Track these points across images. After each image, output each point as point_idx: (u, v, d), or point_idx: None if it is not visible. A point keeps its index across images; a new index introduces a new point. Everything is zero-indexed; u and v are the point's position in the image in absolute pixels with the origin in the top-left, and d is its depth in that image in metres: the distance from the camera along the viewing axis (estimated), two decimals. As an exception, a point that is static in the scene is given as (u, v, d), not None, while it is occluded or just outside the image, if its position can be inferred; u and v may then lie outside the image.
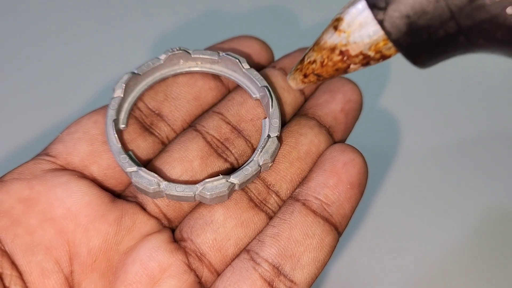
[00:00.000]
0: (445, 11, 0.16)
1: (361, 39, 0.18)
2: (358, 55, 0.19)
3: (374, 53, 0.19)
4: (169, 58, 0.27)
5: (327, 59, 0.20)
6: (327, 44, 0.20)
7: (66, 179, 0.23)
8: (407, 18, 0.17)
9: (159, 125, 0.26)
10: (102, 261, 0.23)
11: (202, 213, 0.24)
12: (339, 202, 0.24)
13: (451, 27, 0.16)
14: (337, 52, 0.19)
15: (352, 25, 0.18)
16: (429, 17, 0.16)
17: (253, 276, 0.22)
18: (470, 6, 0.16)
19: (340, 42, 0.19)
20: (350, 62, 0.19)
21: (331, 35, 0.19)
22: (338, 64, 0.20)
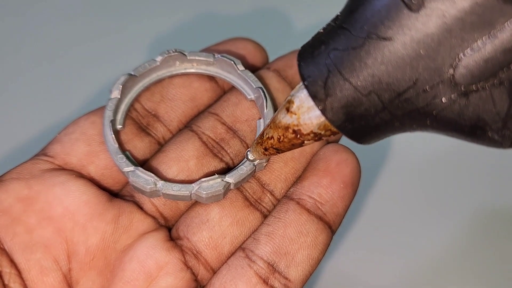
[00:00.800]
0: (377, 103, 0.18)
1: (310, 121, 0.20)
2: (310, 133, 0.21)
3: (323, 131, 0.20)
4: (165, 60, 0.27)
5: (282, 136, 0.22)
6: (281, 124, 0.21)
7: (64, 179, 0.24)
8: (345, 108, 0.18)
9: (156, 126, 0.27)
10: (99, 259, 0.23)
11: (198, 212, 0.24)
12: (332, 201, 0.24)
13: (385, 115, 0.18)
14: (290, 131, 0.21)
15: (301, 108, 0.20)
16: (364, 108, 0.18)
17: (248, 273, 0.23)
18: (398, 99, 0.18)
19: (292, 123, 0.21)
20: (304, 139, 0.21)
21: (284, 116, 0.21)
22: (293, 141, 0.21)
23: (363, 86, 0.18)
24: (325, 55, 0.19)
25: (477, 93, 0.17)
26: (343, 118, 0.19)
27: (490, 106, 0.17)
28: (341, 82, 0.18)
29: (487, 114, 0.17)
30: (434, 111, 0.18)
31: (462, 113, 0.17)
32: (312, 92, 0.19)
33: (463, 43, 0.16)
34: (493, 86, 0.17)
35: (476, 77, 0.17)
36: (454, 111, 0.17)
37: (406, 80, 0.17)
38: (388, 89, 0.18)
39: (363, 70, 0.18)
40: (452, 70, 0.17)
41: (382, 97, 0.18)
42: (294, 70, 0.28)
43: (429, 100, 0.17)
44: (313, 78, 0.19)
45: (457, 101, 0.17)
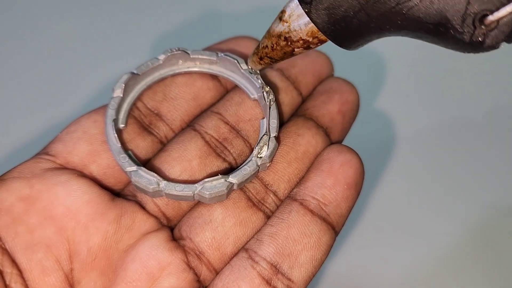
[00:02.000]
0: (355, 4, 0.20)
1: (299, 28, 0.22)
2: (299, 40, 0.23)
3: (311, 38, 0.22)
4: (168, 59, 0.27)
5: (275, 44, 0.24)
6: (275, 32, 0.23)
7: (66, 178, 0.24)
8: (327, 10, 0.20)
9: (158, 125, 0.26)
10: (101, 259, 0.23)
11: (201, 212, 0.24)
12: (336, 202, 0.24)
13: (362, 16, 0.20)
14: (282, 38, 0.23)
15: (292, 16, 0.22)
16: (343, 9, 0.20)
17: (251, 274, 0.23)
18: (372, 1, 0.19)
19: (284, 30, 0.23)
20: (294, 46, 0.23)
21: (277, 24, 0.23)
22: (285, 48, 0.23)
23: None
24: None
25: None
26: (326, 19, 0.21)
27: (452, 4, 0.18)
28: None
29: (449, 12, 0.19)
30: (404, 10, 0.19)
31: (427, 11, 0.19)
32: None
33: None
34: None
35: None
36: (421, 9, 0.19)
37: None
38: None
39: None
40: None
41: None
42: (298, 69, 0.28)
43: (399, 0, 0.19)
44: None
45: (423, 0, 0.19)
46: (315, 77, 0.28)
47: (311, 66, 0.28)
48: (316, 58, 0.29)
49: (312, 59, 0.29)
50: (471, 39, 0.19)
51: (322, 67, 0.29)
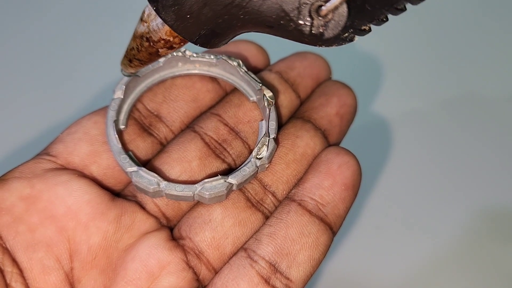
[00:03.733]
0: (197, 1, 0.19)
1: (158, 27, 0.22)
2: (159, 40, 0.22)
3: (172, 38, 0.22)
4: (168, 61, 0.27)
5: (140, 45, 0.23)
6: (137, 33, 0.23)
7: (67, 178, 0.24)
8: (173, 6, 0.20)
9: (158, 126, 0.27)
10: (102, 258, 0.23)
11: (200, 212, 0.24)
12: (334, 202, 0.25)
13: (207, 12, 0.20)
14: (145, 39, 0.22)
15: (150, 16, 0.22)
16: (188, 6, 0.20)
17: (250, 273, 0.23)
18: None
19: (145, 31, 0.22)
20: (157, 47, 0.22)
21: (139, 25, 0.23)
22: (149, 49, 0.23)
23: None
24: None
25: None
26: (174, 17, 0.20)
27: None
28: None
29: (284, 3, 0.19)
30: (243, 3, 0.19)
31: (265, 4, 0.19)
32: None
33: None
34: None
35: None
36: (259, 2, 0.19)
37: None
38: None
39: None
40: None
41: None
42: (296, 72, 0.28)
43: None
44: None
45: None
46: (313, 80, 0.29)
47: (310, 69, 0.29)
48: (314, 61, 0.29)
49: (310, 62, 0.29)
50: (311, 31, 0.19)
51: (320, 70, 0.29)
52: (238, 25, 0.20)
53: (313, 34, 0.19)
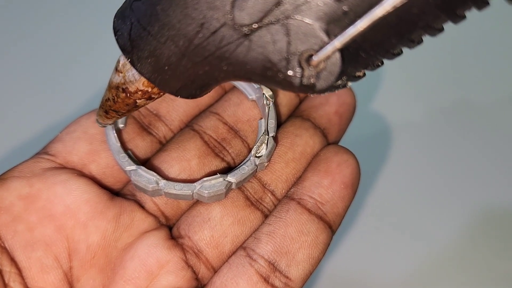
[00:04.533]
0: (176, 51, 0.18)
1: (134, 78, 0.20)
2: (137, 91, 0.21)
3: (150, 88, 0.20)
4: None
5: (116, 96, 0.22)
6: (113, 84, 0.21)
7: (66, 177, 0.24)
8: (149, 58, 0.19)
9: (157, 125, 0.27)
10: (100, 257, 0.23)
11: (199, 211, 0.24)
12: (333, 201, 0.25)
13: (187, 63, 0.19)
14: (120, 90, 0.21)
15: (126, 66, 0.20)
16: (165, 57, 0.19)
17: (249, 271, 0.23)
18: (192, 45, 0.18)
19: (120, 81, 0.21)
20: (134, 98, 0.21)
21: (114, 75, 0.21)
22: (126, 100, 0.21)
23: (160, 33, 0.18)
24: (129, 7, 0.19)
25: (257, 32, 0.17)
26: (151, 69, 0.19)
27: (271, 45, 0.17)
28: (142, 32, 0.19)
29: (271, 53, 0.17)
30: (225, 55, 0.18)
31: (249, 54, 0.18)
32: (121, 45, 0.19)
33: None
34: (270, 24, 0.17)
35: (252, 16, 0.17)
36: (243, 52, 0.18)
37: (194, 25, 0.18)
38: (180, 35, 0.18)
39: (156, 17, 0.18)
40: (230, 10, 0.17)
41: (178, 44, 0.18)
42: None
43: (218, 43, 0.18)
44: (121, 31, 0.19)
45: (242, 42, 0.17)
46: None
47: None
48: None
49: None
50: (301, 82, 0.18)
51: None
52: (221, 76, 0.19)
53: (304, 85, 0.18)
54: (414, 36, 0.18)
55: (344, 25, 0.17)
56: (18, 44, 0.41)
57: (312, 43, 0.17)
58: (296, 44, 0.17)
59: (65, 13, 0.43)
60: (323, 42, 0.17)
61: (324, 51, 0.17)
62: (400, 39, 0.18)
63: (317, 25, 0.17)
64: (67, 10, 0.43)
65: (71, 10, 0.43)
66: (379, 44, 0.18)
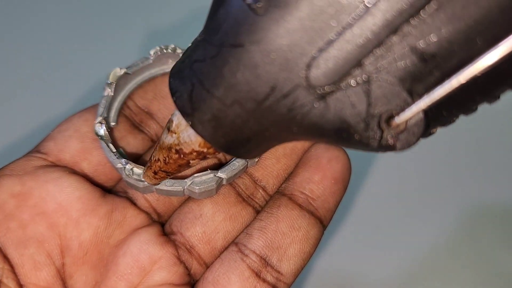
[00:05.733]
0: (242, 113, 0.17)
1: (189, 139, 0.20)
2: (192, 152, 0.20)
3: (206, 149, 0.20)
4: (158, 58, 0.27)
5: (167, 157, 0.21)
6: (164, 144, 0.21)
7: (58, 175, 0.24)
8: (212, 121, 0.18)
9: (149, 123, 0.27)
10: (93, 254, 0.23)
11: (191, 208, 0.25)
12: (324, 196, 0.25)
13: (253, 125, 0.18)
14: (173, 151, 0.21)
15: (180, 126, 0.20)
16: (230, 120, 0.18)
17: (241, 267, 0.23)
18: (261, 108, 0.17)
19: (174, 142, 0.20)
20: (188, 159, 0.20)
21: (166, 136, 0.21)
22: (178, 161, 0.21)
23: (225, 96, 0.17)
24: (189, 68, 0.18)
25: (334, 95, 0.17)
26: (212, 131, 0.18)
27: (349, 107, 0.16)
28: (205, 94, 0.18)
29: (348, 116, 0.17)
30: (297, 117, 0.17)
31: (324, 116, 0.17)
32: (180, 107, 0.19)
33: (311, 44, 0.16)
34: (349, 86, 0.16)
35: (330, 78, 0.16)
36: (316, 115, 0.17)
37: (264, 87, 0.17)
38: (249, 98, 0.17)
39: (222, 80, 0.17)
40: (305, 72, 0.16)
41: (245, 107, 0.17)
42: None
43: (290, 106, 0.17)
44: (180, 92, 0.18)
45: (317, 105, 0.17)
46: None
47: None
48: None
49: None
50: (380, 144, 0.17)
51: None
52: (288, 138, 0.18)
53: (382, 147, 0.17)
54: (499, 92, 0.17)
55: (429, 85, 0.16)
56: (9, 43, 0.41)
57: (394, 105, 0.16)
58: (377, 105, 0.16)
59: (56, 11, 0.43)
60: (407, 103, 0.16)
61: (407, 112, 0.16)
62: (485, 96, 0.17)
63: (400, 86, 0.16)
64: (60, 8, 0.43)
65: (65, 8, 0.43)
66: (463, 102, 0.17)
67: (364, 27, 0.15)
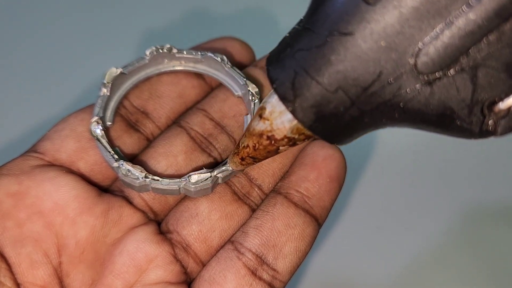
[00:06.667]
0: (345, 100, 0.18)
1: (283, 125, 0.20)
2: (283, 138, 0.21)
3: (297, 135, 0.20)
4: (154, 58, 0.27)
5: (257, 143, 0.22)
6: (255, 131, 0.21)
7: (54, 174, 0.24)
8: (314, 107, 0.19)
9: (144, 122, 0.27)
10: (89, 253, 0.23)
11: (187, 206, 0.25)
12: (319, 194, 0.25)
13: (354, 111, 0.18)
14: (264, 137, 0.21)
15: (273, 114, 0.20)
16: (332, 106, 0.18)
17: (237, 265, 0.23)
18: (365, 94, 0.18)
19: (266, 129, 0.21)
20: (278, 145, 0.21)
21: (257, 123, 0.21)
22: (268, 147, 0.21)
23: (330, 83, 0.18)
24: (290, 56, 0.19)
25: (440, 81, 0.17)
26: (313, 118, 0.19)
27: (455, 93, 0.17)
28: (308, 81, 0.18)
29: (452, 101, 0.17)
30: (401, 103, 0.18)
31: (428, 102, 0.18)
32: (281, 94, 0.19)
33: (421, 31, 0.17)
34: (456, 73, 0.17)
35: (437, 65, 0.17)
36: (420, 101, 0.18)
37: (371, 73, 0.17)
38: (354, 84, 0.18)
39: (328, 67, 0.18)
40: (413, 59, 0.17)
41: (349, 93, 0.18)
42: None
43: (395, 92, 0.18)
44: (281, 80, 0.19)
45: (422, 91, 0.17)
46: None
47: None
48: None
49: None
50: (481, 129, 0.18)
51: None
52: (387, 124, 0.19)
53: (482, 132, 0.18)
54: None
55: None
56: (5, 43, 0.41)
57: (499, 91, 0.17)
58: (482, 91, 0.17)
59: (52, 11, 0.43)
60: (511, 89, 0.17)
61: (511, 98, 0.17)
62: None
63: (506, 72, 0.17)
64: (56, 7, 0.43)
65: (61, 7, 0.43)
66: None
67: (478, 14, 0.16)
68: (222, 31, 0.33)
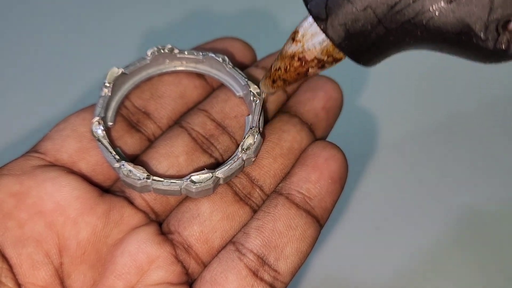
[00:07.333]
0: (373, 18, 0.20)
1: (314, 46, 0.22)
2: (313, 59, 0.22)
3: (326, 57, 0.22)
4: (155, 58, 0.27)
5: (289, 65, 0.23)
6: (288, 53, 0.23)
7: (55, 174, 0.24)
8: (344, 25, 0.20)
9: (146, 123, 0.27)
10: (91, 253, 0.23)
11: (188, 207, 0.25)
12: (320, 195, 0.25)
13: (380, 30, 0.20)
14: (296, 59, 0.23)
15: (306, 36, 0.22)
16: (361, 24, 0.20)
17: (238, 266, 0.23)
18: (391, 11, 0.19)
19: (298, 50, 0.23)
20: (308, 66, 0.23)
21: (290, 45, 0.23)
22: (299, 69, 0.23)
23: (360, 1, 0.19)
24: None
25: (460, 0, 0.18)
26: (343, 35, 0.20)
27: (473, 11, 0.18)
28: (340, 1, 0.20)
29: (470, 18, 0.19)
30: (423, 21, 0.19)
31: (448, 20, 0.19)
32: (315, 13, 0.21)
33: None
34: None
35: None
36: (441, 19, 0.19)
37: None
38: (381, 3, 0.19)
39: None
40: None
41: (376, 11, 0.19)
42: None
43: (419, 9, 0.19)
44: (315, 1, 0.21)
45: (444, 9, 0.19)
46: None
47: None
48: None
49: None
50: (495, 47, 0.19)
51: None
52: (410, 43, 0.20)
53: (496, 50, 0.19)
54: None
55: None
56: (6, 42, 0.41)
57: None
58: (498, 10, 0.18)
59: (53, 11, 0.43)
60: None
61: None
62: None
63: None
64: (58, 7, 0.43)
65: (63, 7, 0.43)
66: None
67: None
68: (224, 31, 0.33)
